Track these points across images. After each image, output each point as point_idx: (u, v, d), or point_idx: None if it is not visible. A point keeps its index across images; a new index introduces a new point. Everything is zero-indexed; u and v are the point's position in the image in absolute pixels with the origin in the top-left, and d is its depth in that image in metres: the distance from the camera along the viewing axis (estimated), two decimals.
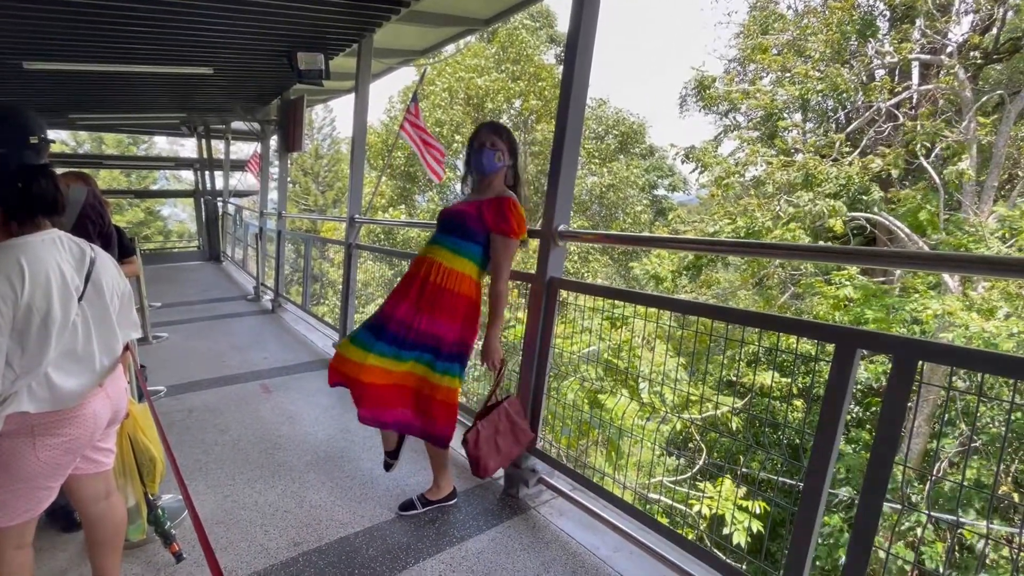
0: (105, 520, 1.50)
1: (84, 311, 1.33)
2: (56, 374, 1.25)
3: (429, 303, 1.87)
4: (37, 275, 1.20)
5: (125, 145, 22.04)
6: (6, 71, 4.59)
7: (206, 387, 3.49)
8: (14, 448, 1.22)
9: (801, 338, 1.51)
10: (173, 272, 8.67)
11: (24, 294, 1.17)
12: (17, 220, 1.26)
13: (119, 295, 1.47)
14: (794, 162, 7.00)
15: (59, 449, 1.28)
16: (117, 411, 1.47)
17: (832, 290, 6.71)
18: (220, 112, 8.00)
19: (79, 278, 1.31)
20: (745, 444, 6.62)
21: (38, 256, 1.22)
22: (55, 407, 1.26)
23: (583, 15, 1.93)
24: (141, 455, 1.71)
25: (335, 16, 3.59)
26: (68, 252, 1.32)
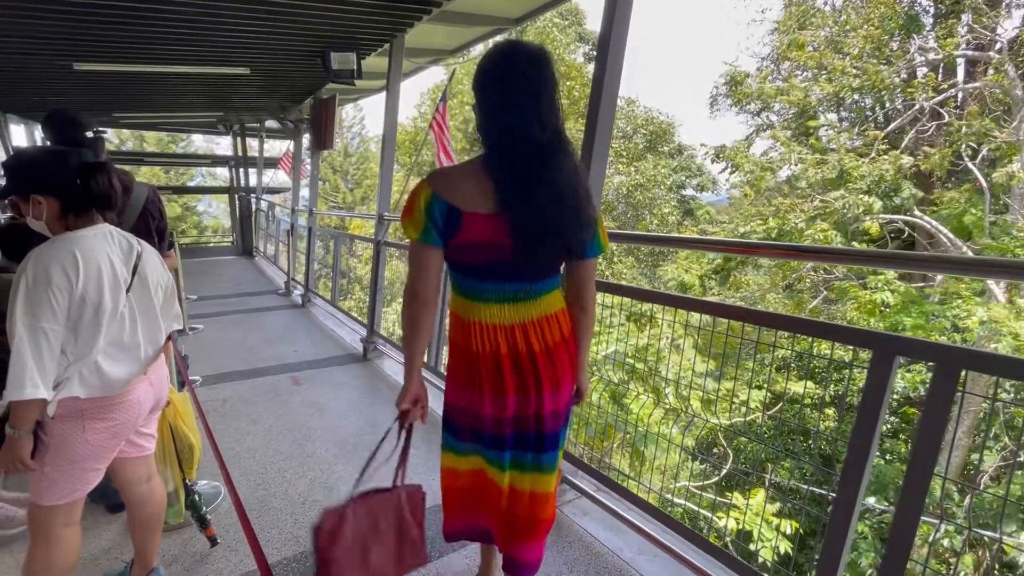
0: (146, 502, 1.57)
1: (131, 302, 1.38)
2: (105, 362, 1.31)
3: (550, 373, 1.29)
4: (90, 267, 1.25)
5: (165, 143, 22.85)
6: (58, 72, 4.82)
7: (239, 378, 3.60)
8: (65, 431, 1.28)
9: (835, 344, 1.47)
10: (208, 266, 8.95)
11: (79, 285, 1.22)
12: (73, 213, 1.31)
13: (163, 287, 1.53)
14: (828, 160, 6.80)
15: (106, 433, 1.34)
16: (159, 399, 1.52)
17: (868, 295, 6.50)
18: (255, 111, 8.22)
19: (127, 271, 1.37)
20: (773, 452, 6.48)
21: (91, 248, 1.28)
22: (104, 393, 1.32)
23: (615, 15, 1.92)
24: (180, 442, 1.78)
25: (368, 16, 3.65)
26: (117, 246, 1.37)
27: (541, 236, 1.13)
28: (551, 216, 1.12)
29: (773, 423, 6.87)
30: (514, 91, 1.11)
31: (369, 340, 4.10)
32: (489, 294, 1.20)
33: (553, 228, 1.13)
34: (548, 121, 1.12)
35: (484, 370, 1.22)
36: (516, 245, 1.12)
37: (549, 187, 1.11)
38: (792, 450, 6.10)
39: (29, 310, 1.18)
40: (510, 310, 1.20)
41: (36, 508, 1.33)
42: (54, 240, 1.28)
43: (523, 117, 1.10)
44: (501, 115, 1.14)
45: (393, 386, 3.49)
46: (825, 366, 7.04)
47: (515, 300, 1.20)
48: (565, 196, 1.13)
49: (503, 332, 1.20)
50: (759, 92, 8.82)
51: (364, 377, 3.69)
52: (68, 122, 1.87)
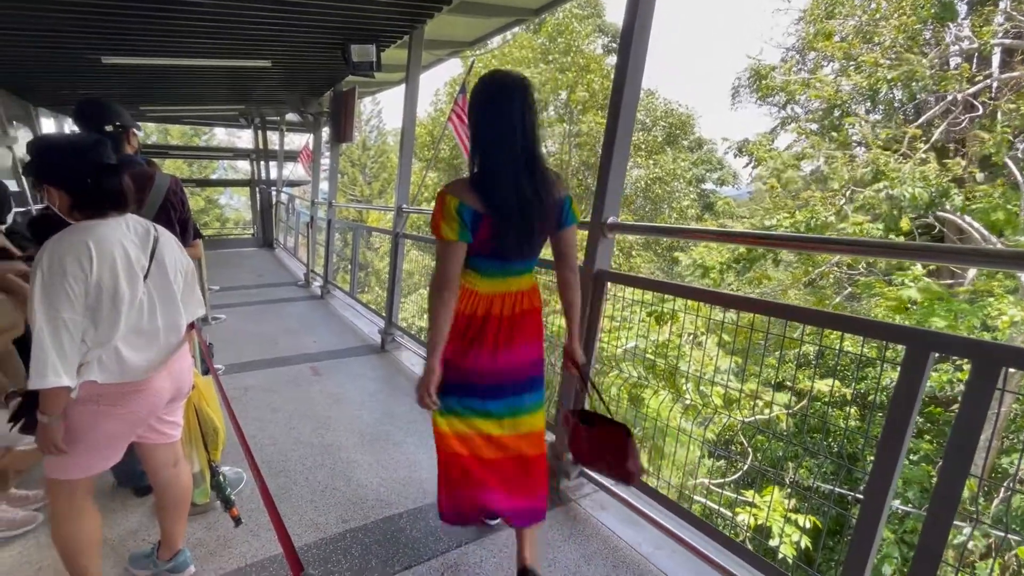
0: (172, 486, 1.61)
1: (149, 289, 1.38)
2: (125, 348, 1.33)
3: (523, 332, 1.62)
4: (104, 255, 1.26)
5: (188, 136, 23.25)
6: (87, 66, 4.92)
7: (260, 367, 3.66)
8: (83, 414, 1.31)
9: (859, 340, 1.43)
10: (229, 257, 9.11)
11: (93, 273, 1.23)
12: (85, 208, 1.32)
13: (183, 273, 1.52)
14: (858, 157, 6.61)
15: (119, 420, 1.36)
16: (180, 388, 1.53)
17: (894, 291, 6.33)
18: (276, 104, 8.30)
19: (144, 257, 1.37)
20: (793, 451, 6.37)
21: (105, 237, 1.28)
22: (122, 379, 1.33)
23: (639, 6, 1.88)
24: (205, 424, 1.81)
25: (387, 8, 3.65)
26: (133, 232, 1.38)
27: (526, 232, 1.44)
28: (530, 214, 1.42)
29: (794, 420, 6.76)
30: (505, 121, 1.39)
31: (387, 331, 4.13)
32: (486, 272, 1.50)
33: (532, 222, 1.44)
34: (528, 143, 1.41)
35: (479, 328, 1.51)
36: (509, 241, 1.44)
37: (529, 194, 1.40)
38: (812, 449, 5.99)
39: (47, 300, 1.20)
40: (503, 283, 1.52)
41: (52, 482, 1.37)
42: (68, 230, 1.28)
43: (512, 141, 1.39)
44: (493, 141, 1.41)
45: (411, 377, 3.51)
46: (848, 363, 6.89)
47: (507, 276, 1.52)
48: (542, 199, 1.43)
49: (499, 300, 1.52)
50: (784, 84, 8.61)
51: (382, 368, 3.72)
52: (96, 112, 1.89)
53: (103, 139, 1.36)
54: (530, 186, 1.41)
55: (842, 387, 6.53)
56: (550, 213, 1.47)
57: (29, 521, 1.89)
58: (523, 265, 1.53)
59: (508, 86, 1.40)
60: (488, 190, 1.39)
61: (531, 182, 1.41)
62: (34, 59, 4.70)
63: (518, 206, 1.40)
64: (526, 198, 1.40)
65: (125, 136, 1.93)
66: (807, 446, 5.59)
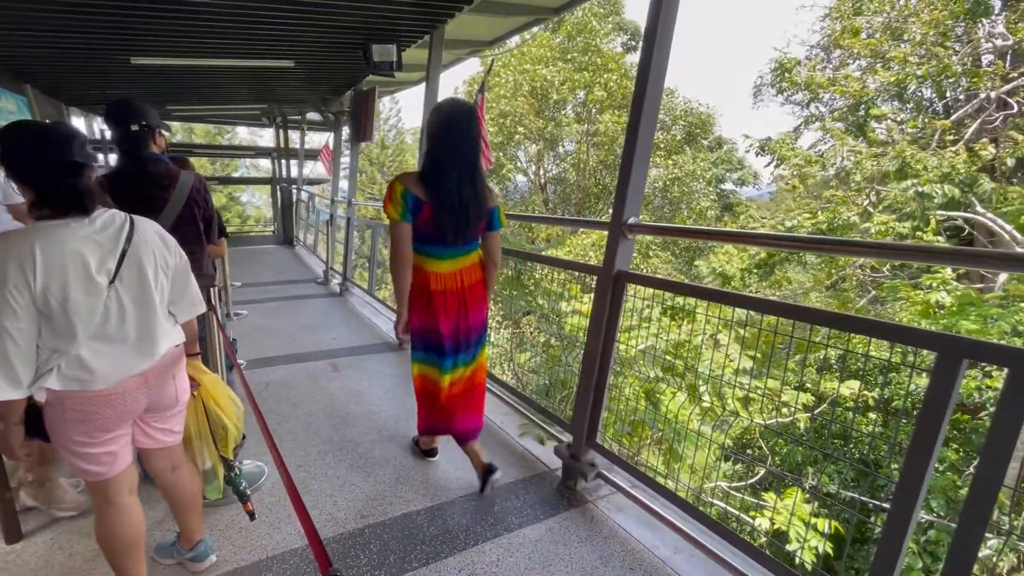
0: (174, 490, 1.60)
1: (118, 293, 1.28)
2: (89, 355, 1.25)
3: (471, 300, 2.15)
4: (52, 263, 1.17)
5: (212, 135, 23.72)
6: (116, 66, 5.05)
7: (280, 363, 3.72)
8: (52, 418, 1.28)
9: (892, 345, 1.39)
10: (250, 254, 9.27)
11: (37, 283, 1.15)
12: (49, 208, 1.23)
13: (166, 270, 1.40)
14: (885, 152, 6.43)
15: (88, 424, 1.29)
16: (158, 400, 1.43)
17: (920, 295, 6.17)
18: (298, 103, 8.42)
19: (112, 260, 1.26)
20: (813, 456, 6.25)
21: (57, 240, 1.19)
22: (83, 387, 1.25)
23: (663, 5, 1.86)
24: (213, 422, 1.76)
25: (409, 7, 3.67)
26: (101, 233, 1.26)
27: (461, 223, 1.89)
28: (467, 209, 1.86)
29: (815, 424, 6.63)
30: (456, 136, 1.85)
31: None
32: (440, 255, 1.95)
33: (467, 217, 1.88)
34: (471, 155, 1.88)
35: (440, 301, 1.97)
36: (448, 226, 1.87)
37: (466, 189, 1.86)
38: (834, 454, 5.86)
39: None
40: (451, 263, 1.97)
41: (85, 482, 1.40)
42: (17, 232, 1.20)
43: (460, 152, 1.85)
44: (445, 149, 1.85)
45: None
46: (872, 368, 6.74)
47: (455, 257, 1.97)
48: (478, 199, 1.90)
49: (450, 277, 1.97)
50: (809, 82, 8.44)
51: (400, 365, 3.75)
52: (122, 111, 1.91)
53: (78, 135, 1.28)
54: (470, 187, 1.87)
55: (866, 391, 6.38)
56: (483, 212, 1.93)
57: (79, 506, 1.95)
58: (466, 248, 1.99)
59: (462, 110, 1.88)
60: (434, 184, 1.84)
61: (471, 185, 1.87)
62: (65, 59, 4.83)
63: (458, 199, 1.85)
64: (464, 195, 1.85)
65: (151, 135, 1.97)
66: (827, 451, 5.48)
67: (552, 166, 15.90)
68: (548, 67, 13.50)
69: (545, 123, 14.25)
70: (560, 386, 4.88)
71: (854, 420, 6.24)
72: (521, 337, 7.83)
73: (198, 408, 1.73)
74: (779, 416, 5.69)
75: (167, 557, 1.73)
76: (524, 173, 16.02)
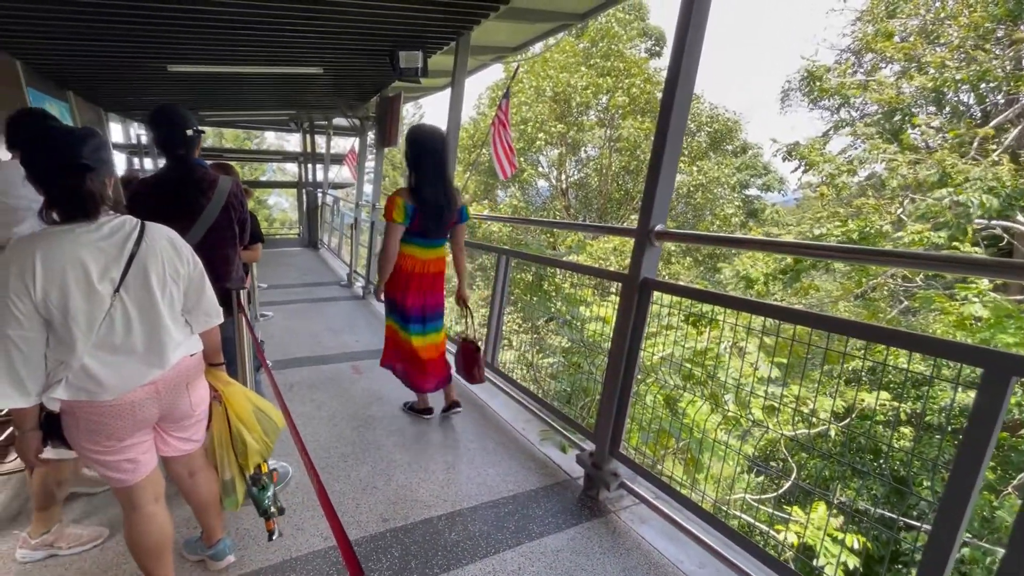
0: (190, 493, 1.62)
1: (123, 301, 1.25)
2: (95, 364, 1.23)
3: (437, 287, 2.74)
4: (52, 270, 1.15)
5: (241, 140, 24.32)
6: (153, 74, 5.22)
7: (304, 364, 3.77)
8: (66, 425, 1.29)
9: (913, 357, 1.33)
10: (276, 256, 9.45)
11: (37, 290, 1.14)
12: (50, 213, 1.22)
13: (176, 279, 1.35)
14: (923, 159, 6.23)
15: (98, 434, 1.29)
16: (172, 410, 1.40)
17: (956, 306, 5.95)
18: (325, 109, 8.58)
19: (117, 267, 1.23)
20: (841, 470, 6.07)
21: (59, 247, 1.17)
22: (91, 397, 1.24)
23: (693, 10, 1.84)
24: (234, 437, 1.69)
25: (435, 15, 3.71)
26: (107, 239, 1.23)
27: (439, 221, 2.51)
28: (443, 211, 2.50)
29: (843, 438, 6.44)
30: (432, 159, 2.45)
31: None
32: (421, 245, 2.56)
33: (443, 217, 2.51)
34: (443, 170, 2.49)
35: (414, 279, 2.60)
36: (430, 226, 2.50)
37: (442, 198, 2.48)
38: (863, 469, 5.68)
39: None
40: (426, 252, 2.58)
41: (112, 488, 1.42)
42: (23, 238, 1.20)
43: (436, 170, 2.46)
44: (425, 170, 2.45)
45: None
46: (902, 381, 6.52)
47: (430, 247, 2.59)
48: (449, 202, 2.51)
49: (422, 263, 2.59)
50: (839, 87, 8.25)
51: None
52: (182, 116, 1.95)
53: (92, 138, 1.24)
54: (444, 195, 2.48)
55: (896, 403, 6.17)
56: (455, 211, 2.55)
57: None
58: (440, 241, 2.62)
59: (435, 137, 2.46)
60: (421, 197, 2.43)
61: (444, 194, 2.48)
62: (105, 67, 5.02)
63: (435, 205, 2.46)
64: (440, 202, 2.46)
65: (198, 140, 2.02)
66: (857, 466, 5.31)
67: (574, 171, 15.86)
68: (571, 73, 13.49)
69: (567, 128, 14.24)
70: (581, 393, 4.84)
71: (880, 434, 6.04)
72: (541, 343, 7.80)
73: (221, 416, 1.68)
74: (806, 428, 5.55)
75: (193, 553, 1.77)
76: (546, 178, 16.01)
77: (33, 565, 1.73)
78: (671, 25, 1.97)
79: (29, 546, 1.74)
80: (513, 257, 3.37)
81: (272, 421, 1.70)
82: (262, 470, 1.71)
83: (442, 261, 2.69)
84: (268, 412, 1.71)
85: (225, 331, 1.69)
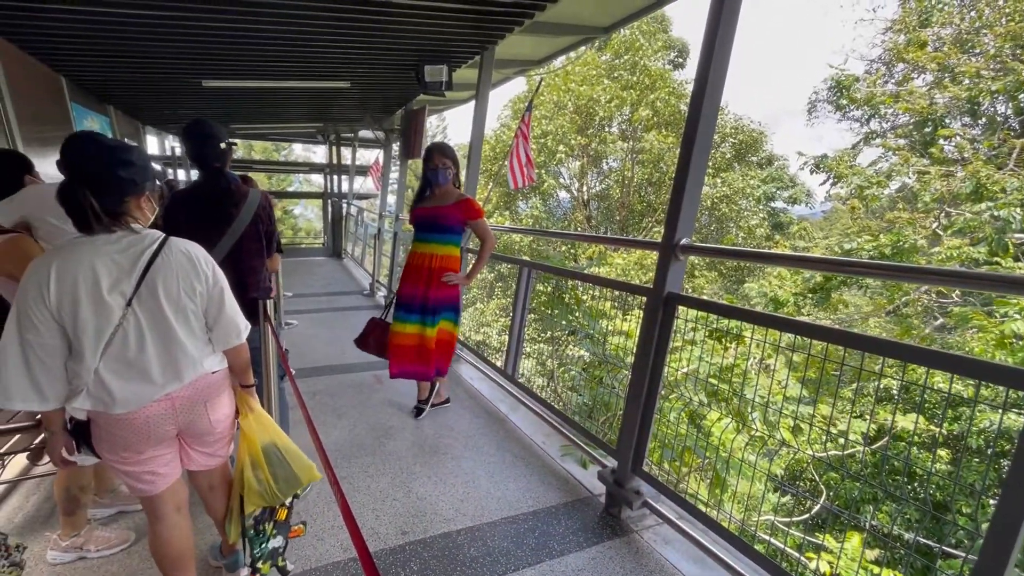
0: (210, 508, 1.63)
1: (136, 315, 1.25)
2: (108, 376, 1.24)
3: (436, 280, 2.82)
4: (65, 280, 1.17)
5: (269, 152, 25.00)
6: (189, 89, 5.41)
7: (326, 373, 3.81)
8: (93, 433, 1.33)
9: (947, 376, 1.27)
10: (301, 265, 9.63)
11: (51, 298, 1.16)
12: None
13: (192, 296, 1.32)
14: (956, 171, 6.03)
15: (115, 444, 1.31)
16: (190, 427, 1.39)
17: (994, 323, 5.71)
18: (351, 122, 8.77)
19: (128, 281, 1.23)
20: (872, 493, 5.84)
21: (74, 258, 1.19)
22: (107, 409, 1.26)
23: (720, 22, 1.82)
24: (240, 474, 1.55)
25: (461, 30, 3.77)
26: (122, 252, 1.24)
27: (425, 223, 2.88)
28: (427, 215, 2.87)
29: (875, 459, 6.21)
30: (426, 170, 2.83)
31: None
32: (416, 239, 2.90)
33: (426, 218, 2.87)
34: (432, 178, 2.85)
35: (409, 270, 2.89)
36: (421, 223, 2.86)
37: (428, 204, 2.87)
38: (896, 493, 5.45)
39: (16, 318, 1.17)
40: (420, 246, 2.87)
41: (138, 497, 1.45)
42: (49, 249, 1.25)
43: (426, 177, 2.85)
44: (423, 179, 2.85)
45: (470, 391, 3.54)
46: (936, 401, 6.27)
47: (424, 243, 2.87)
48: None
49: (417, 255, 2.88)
50: (870, 97, 8.07)
51: None
52: (217, 129, 2.02)
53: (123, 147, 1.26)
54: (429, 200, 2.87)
55: (933, 427, 5.93)
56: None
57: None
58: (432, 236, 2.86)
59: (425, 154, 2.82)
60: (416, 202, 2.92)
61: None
62: (144, 83, 5.22)
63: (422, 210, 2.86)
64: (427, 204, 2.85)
65: (231, 152, 2.08)
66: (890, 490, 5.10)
67: (595, 183, 15.83)
68: (594, 86, 13.52)
69: (588, 140, 14.25)
70: (603, 408, 4.77)
71: (928, 458, 5.79)
72: (560, 355, 7.74)
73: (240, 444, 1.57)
74: (838, 450, 5.36)
75: (215, 558, 1.80)
76: (567, 190, 16.02)
77: (63, 567, 1.77)
78: (693, 37, 1.96)
79: (59, 548, 1.78)
80: (536, 270, 3.36)
81: (292, 471, 1.54)
82: (278, 516, 1.57)
83: (448, 259, 2.87)
84: (293, 461, 1.55)
85: (251, 340, 1.71)
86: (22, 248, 1.60)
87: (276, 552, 1.60)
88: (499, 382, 3.53)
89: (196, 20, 3.39)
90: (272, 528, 1.59)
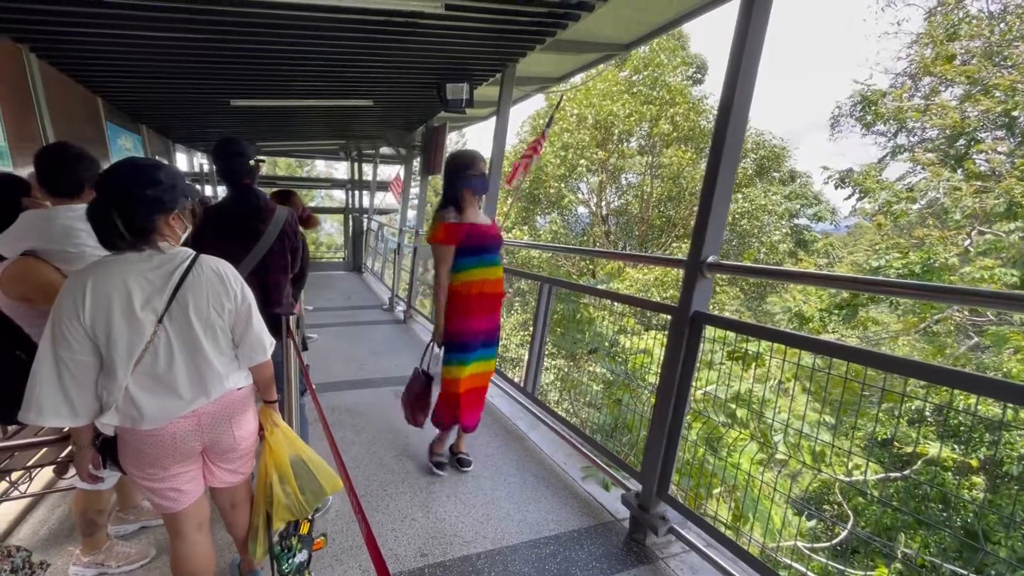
0: (231, 527, 1.63)
1: (166, 331, 1.27)
2: (138, 392, 1.25)
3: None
4: (99, 296, 1.19)
5: (293, 168, 25.59)
6: (217, 108, 5.57)
7: (346, 388, 3.81)
8: (120, 450, 1.34)
9: (985, 400, 1.20)
10: (322, 279, 9.74)
11: (86, 314, 1.18)
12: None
13: (220, 312, 1.34)
14: (989, 188, 5.86)
15: (141, 460, 1.32)
16: (215, 443, 1.39)
17: None
18: (373, 139, 8.92)
19: (160, 298, 1.25)
20: (903, 519, 5.60)
21: (108, 274, 1.21)
22: (136, 425, 1.27)
23: (747, 40, 1.80)
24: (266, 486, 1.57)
25: (482, 48, 3.81)
26: (154, 269, 1.26)
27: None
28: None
29: (904, 484, 5.96)
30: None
31: None
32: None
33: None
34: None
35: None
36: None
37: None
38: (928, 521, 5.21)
39: (50, 335, 1.19)
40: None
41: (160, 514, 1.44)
42: (86, 265, 1.26)
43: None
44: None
45: (488, 407, 3.49)
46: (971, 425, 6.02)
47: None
48: None
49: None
50: (897, 111, 7.92)
51: None
52: (243, 147, 2.05)
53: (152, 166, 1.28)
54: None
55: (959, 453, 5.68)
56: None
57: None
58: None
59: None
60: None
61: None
62: (174, 102, 5.39)
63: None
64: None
65: (258, 169, 2.12)
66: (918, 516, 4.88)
67: (614, 198, 15.80)
68: (614, 101, 13.57)
69: (607, 155, 14.26)
70: (625, 428, 4.68)
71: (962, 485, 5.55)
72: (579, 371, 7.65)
73: (264, 460, 1.58)
74: (858, 473, 5.17)
75: (234, 574, 1.78)
76: (586, 204, 16.01)
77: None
78: (712, 53, 1.94)
79: (81, 563, 1.78)
80: (556, 286, 3.33)
81: (317, 482, 1.56)
82: (302, 529, 1.59)
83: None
84: (317, 472, 1.58)
85: (274, 356, 1.71)
86: (33, 270, 1.54)
87: (302, 566, 1.59)
88: (517, 398, 3.48)
89: (226, 42, 3.49)
90: (298, 542, 1.58)
